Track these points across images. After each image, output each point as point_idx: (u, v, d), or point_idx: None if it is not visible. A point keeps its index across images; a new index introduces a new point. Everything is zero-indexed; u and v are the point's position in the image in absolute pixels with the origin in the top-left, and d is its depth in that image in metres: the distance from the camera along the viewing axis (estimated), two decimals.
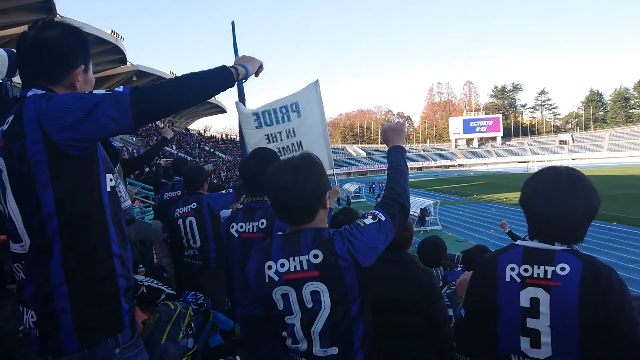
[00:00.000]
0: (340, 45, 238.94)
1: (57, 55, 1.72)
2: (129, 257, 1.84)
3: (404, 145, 2.26)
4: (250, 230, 3.02)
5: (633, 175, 52.75)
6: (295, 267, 1.86)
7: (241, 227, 3.03)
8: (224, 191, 4.83)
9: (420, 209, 28.30)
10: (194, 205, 4.58)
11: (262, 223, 2.97)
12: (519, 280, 1.75)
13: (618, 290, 1.63)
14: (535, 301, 1.71)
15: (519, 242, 1.85)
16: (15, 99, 1.72)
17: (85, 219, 1.66)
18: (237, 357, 3.39)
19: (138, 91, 1.63)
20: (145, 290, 4.29)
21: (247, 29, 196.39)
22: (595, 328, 1.62)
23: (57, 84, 1.74)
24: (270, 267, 1.90)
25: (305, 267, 1.84)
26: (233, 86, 1.97)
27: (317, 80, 4.81)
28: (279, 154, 4.51)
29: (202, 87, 1.80)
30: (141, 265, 5.17)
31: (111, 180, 1.80)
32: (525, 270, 1.74)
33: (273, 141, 4.76)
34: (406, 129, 2.37)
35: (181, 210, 4.64)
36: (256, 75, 2.22)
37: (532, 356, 1.73)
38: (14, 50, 2.57)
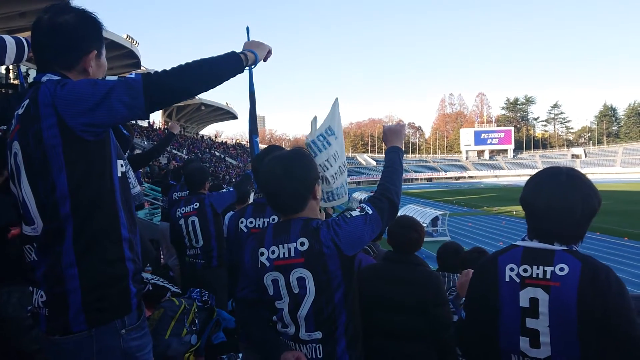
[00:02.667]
0: (352, 53, 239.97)
1: (71, 40, 1.76)
2: (137, 242, 1.88)
3: (401, 147, 2.33)
4: (261, 226, 3.03)
5: None
6: (284, 253, 1.95)
7: (251, 222, 3.05)
8: (224, 190, 4.87)
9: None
10: (196, 205, 4.60)
11: (274, 219, 2.98)
12: (518, 280, 1.76)
13: (616, 289, 1.63)
14: (534, 301, 1.71)
15: (518, 242, 1.86)
16: (30, 84, 1.78)
17: (97, 202, 1.70)
18: (240, 355, 3.42)
19: (150, 77, 1.68)
20: (151, 288, 4.33)
21: (261, 33, 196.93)
22: (595, 327, 1.62)
23: (70, 69, 1.78)
24: (262, 254, 2.00)
25: (293, 254, 1.94)
26: (242, 72, 2.01)
27: (337, 98, 4.82)
28: (332, 180, 4.36)
29: (213, 73, 1.83)
30: (148, 264, 5.22)
31: (122, 165, 1.84)
32: (525, 270, 1.75)
33: (325, 170, 4.70)
34: (405, 130, 2.44)
35: (183, 210, 4.66)
36: (265, 60, 2.27)
37: (532, 356, 1.73)
38: (21, 38, 2.64)
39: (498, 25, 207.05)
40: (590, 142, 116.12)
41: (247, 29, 5.07)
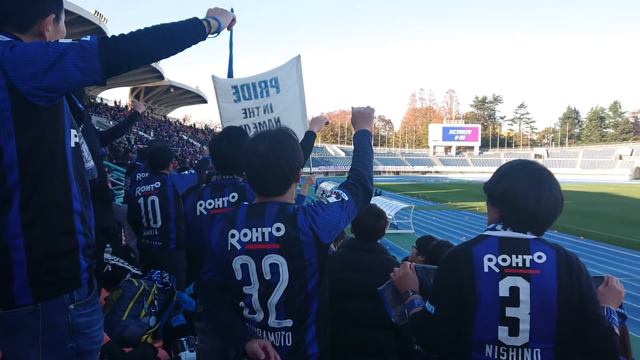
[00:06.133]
0: (325, 42, 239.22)
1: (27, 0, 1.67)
2: (91, 216, 1.81)
3: (370, 130, 2.31)
4: (221, 206, 2.98)
5: (603, 193, 54.04)
6: (257, 237, 1.87)
7: (210, 204, 2.99)
8: (186, 172, 4.79)
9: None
10: (157, 185, 4.49)
11: (233, 197, 2.93)
12: (497, 270, 1.76)
13: (586, 274, 1.74)
14: (514, 290, 1.73)
15: (488, 232, 1.86)
16: None
17: (47, 171, 1.62)
18: (197, 337, 3.39)
19: (106, 40, 1.60)
20: (110, 269, 4.25)
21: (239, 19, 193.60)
22: (569, 310, 1.70)
23: (24, 31, 1.68)
24: (233, 236, 1.91)
25: (267, 239, 1.86)
26: (205, 39, 1.94)
27: (299, 55, 4.69)
28: (254, 129, 4.47)
29: (174, 39, 1.76)
30: (108, 245, 5.11)
31: (75, 136, 1.77)
32: (504, 260, 1.76)
33: (250, 116, 4.61)
34: (374, 114, 2.41)
35: (143, 188, 4.53)
36: (228, 28, 2.21)
37: (510, 344, 1.75)
38: None
39: (471, 23, 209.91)
40: (553, 142, 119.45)
41: (232, 10, 4.99)
